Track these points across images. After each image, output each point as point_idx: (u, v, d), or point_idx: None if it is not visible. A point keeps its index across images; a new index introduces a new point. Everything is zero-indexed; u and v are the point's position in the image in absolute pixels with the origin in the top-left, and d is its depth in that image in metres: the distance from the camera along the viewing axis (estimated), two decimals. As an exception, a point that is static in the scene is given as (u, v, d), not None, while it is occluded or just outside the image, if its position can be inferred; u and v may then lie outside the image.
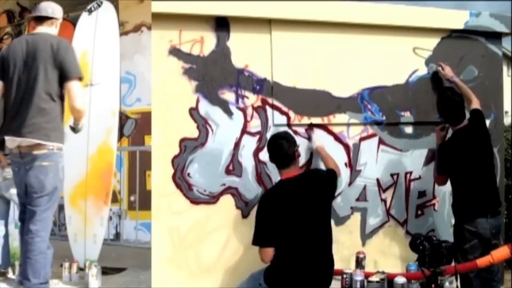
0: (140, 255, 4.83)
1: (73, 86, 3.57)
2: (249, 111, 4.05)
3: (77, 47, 4.83)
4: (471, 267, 3.72)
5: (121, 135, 6.01)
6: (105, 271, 4.40)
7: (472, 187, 4.05)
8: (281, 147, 3.62)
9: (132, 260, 4.94)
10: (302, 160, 4.02)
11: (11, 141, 3.59)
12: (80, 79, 3.67)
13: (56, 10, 3.84)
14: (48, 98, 3.55)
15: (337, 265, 3.74)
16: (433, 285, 3.39)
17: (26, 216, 3.63)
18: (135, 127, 6.11)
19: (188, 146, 3.91)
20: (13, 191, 4.02)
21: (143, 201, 5.38)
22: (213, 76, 3.96)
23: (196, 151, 3.92)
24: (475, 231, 3.96)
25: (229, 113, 4.00)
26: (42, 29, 3.77)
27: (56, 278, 4.15)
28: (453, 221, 4.24)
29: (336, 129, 4.27)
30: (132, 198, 5.92)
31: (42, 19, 3.78)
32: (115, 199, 5.67)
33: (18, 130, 3.53)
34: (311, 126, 4.18)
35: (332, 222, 4.21)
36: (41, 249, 3.52)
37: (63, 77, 3.57)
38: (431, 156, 4.52)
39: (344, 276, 3.77)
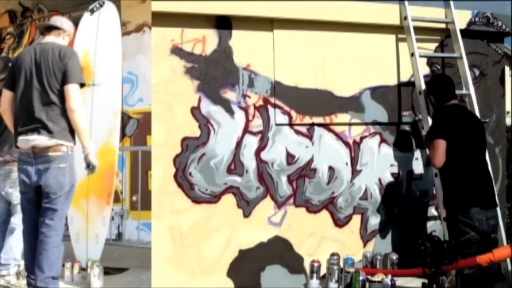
0: (142, 255, 4.82)
1: (70, 88, 3.56)
2: (251, 110, 4.06)
3: (79, 47, 4.86)
4: (471, 263, 3.70)
5: (123, 135, 6.01)
6: (107, 271, 4.40)
7: (469, 173, 3.81)
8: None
9: (134, 260, 4.94)
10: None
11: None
12: (82, 85, 3.69)
13: (64, 23, 3.89)
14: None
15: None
16: (434, 285, 3.39)
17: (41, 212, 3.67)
18: (137, 127, 6.11)
19: (189, 145, 3.91)
20: (10, 191, 4.04)
21: (145, 201, 5.37)
22: (215, 75, 3.97)
23: (198, 150, 3.93)
24: (470, 223, 3.70)
25: (231, 112, 4.01)
26: (49, 38, 3.83)
27: (58, 278, 4.15)
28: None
29: (338, 129, 4.27)
30: (134, 198, 5.91)
31: (50, 29, 3.85)
32: (117, 199, 5.66)
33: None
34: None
35: (333, 222, 4.26)
36: (56, 243, 3.62)
37: (64, 81, 3.58)
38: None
39: (345, 275, 3.77)
